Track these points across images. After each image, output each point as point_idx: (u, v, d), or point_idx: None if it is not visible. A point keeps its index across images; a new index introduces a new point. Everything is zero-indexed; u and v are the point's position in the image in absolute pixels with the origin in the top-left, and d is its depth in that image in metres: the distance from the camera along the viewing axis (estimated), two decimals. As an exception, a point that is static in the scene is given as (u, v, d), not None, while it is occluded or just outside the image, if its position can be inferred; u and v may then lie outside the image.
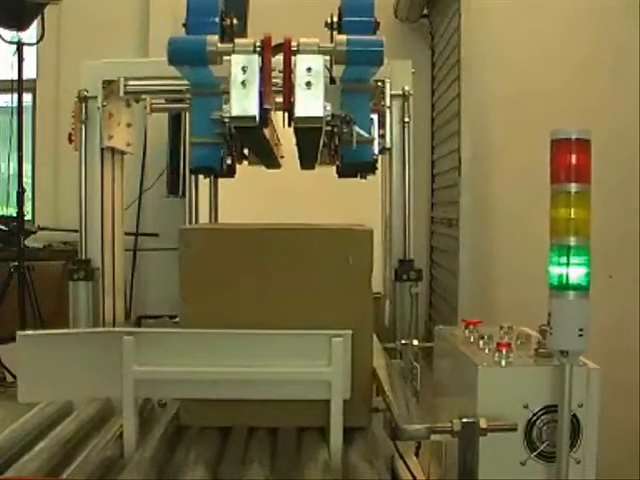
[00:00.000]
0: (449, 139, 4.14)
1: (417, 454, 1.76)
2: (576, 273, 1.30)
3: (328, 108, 1.54)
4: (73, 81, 2.29)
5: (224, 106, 1.55)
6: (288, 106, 1.58)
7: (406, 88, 2.26)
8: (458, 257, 3.74)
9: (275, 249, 1.58)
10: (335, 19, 1.86)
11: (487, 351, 1.48)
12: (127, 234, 3.45)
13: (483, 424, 1.30)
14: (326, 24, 1.88)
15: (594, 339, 1.34)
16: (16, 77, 4.13)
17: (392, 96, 2.24)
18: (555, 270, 1.31)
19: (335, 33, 1.85)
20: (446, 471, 1.58)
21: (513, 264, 4.07)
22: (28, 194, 4.70)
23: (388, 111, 2.25)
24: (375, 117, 2.20)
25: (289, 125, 1.60)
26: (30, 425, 1.54)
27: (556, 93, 3.97)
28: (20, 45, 4.14)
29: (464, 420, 1.30)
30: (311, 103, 1.51)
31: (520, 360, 1.43)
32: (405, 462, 1.60)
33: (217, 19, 1.79)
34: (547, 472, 1.36)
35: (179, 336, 1.49)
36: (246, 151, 1.85)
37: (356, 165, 1.76)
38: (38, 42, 4.33)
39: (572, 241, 1.30)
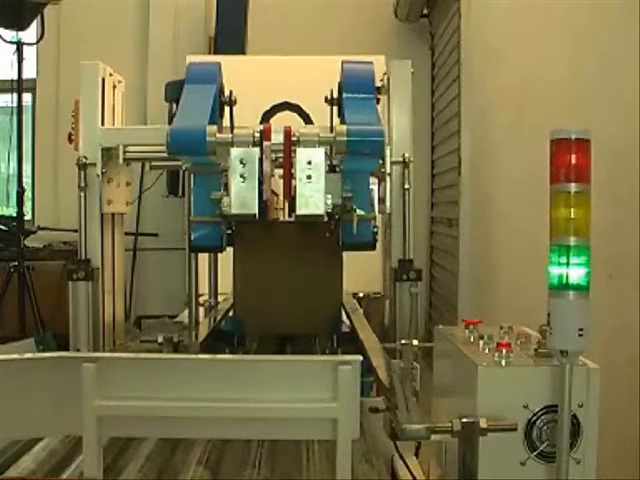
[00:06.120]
0: (449, 139, 4.14)
1: (417, 454, 1.76)
2: (576, 273, 1.30)
3: (329, 202, 1.58)
4: (73, 81, 2.28)
5: (224, 199, 1.59)
6: (289, 198, 1.61)
7: (406, 155, 2.16)
8: (458, 257, 3.74)
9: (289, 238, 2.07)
10: (335, 94, 1.85)
11: (487, 351, 1.48)
12: (127, 234, 3.45)
13: (483, 424, 1.30)
14: (326, 99, 1.87)
15: (594, 339, 1.34)
16: (16, 77, 4.13)
17: (392, 163, 2.16)
18: (555, 270, 1.31)
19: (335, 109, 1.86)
20: (446, 471, 1.58)
21: (513, 264, 4.08)
22: (28, 194, 4.70)
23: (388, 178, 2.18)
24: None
25: (289, 216, 1.63)
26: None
27: (556, 93, 3.97)
28: (20, 45, 4.14)
29: (464, 420, 1.30)
30: (312, 199, 1.55)
31: (520, 360, 1.43)
32: (405, 462, 1.60)
33: (215, 95, 1.79)
34: (547, 472, 1.36)
35: (153, 362, 1.24)
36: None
37: (355, 245, 1.88)
38: (38, 42, 4.34)
39: (572, 241, 1.30)
